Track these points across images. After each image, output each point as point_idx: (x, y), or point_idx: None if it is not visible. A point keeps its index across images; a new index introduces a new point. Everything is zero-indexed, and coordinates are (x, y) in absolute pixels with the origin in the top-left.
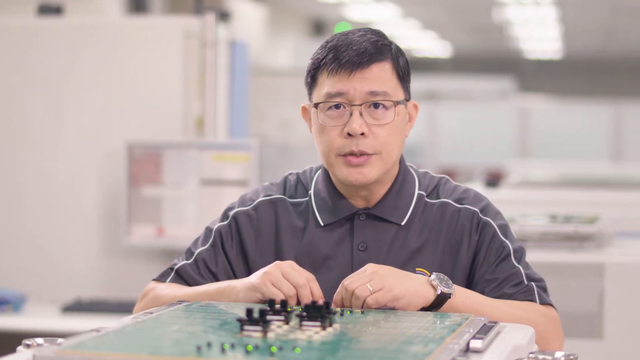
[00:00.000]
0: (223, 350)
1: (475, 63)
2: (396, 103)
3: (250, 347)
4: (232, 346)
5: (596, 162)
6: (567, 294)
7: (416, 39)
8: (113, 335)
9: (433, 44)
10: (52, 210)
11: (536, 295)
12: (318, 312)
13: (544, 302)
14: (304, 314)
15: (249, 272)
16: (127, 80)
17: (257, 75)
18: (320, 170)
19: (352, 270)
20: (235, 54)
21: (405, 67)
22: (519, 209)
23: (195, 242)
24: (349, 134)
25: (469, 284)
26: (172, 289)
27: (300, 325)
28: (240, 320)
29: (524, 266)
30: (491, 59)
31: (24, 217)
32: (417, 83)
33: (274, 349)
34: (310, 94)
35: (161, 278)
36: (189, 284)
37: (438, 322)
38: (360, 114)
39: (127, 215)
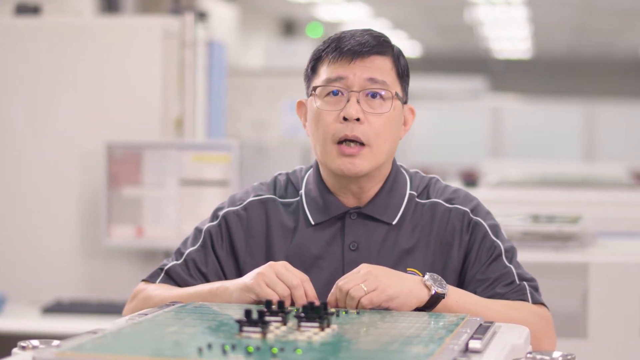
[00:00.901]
0: (224, 351)
1: (446, 63)
2: (394, 95)
3: (251, 349)
4: (233, 347)
5: (569, 162)
6: (551, 294)
7: None
8: (111, 337)
9: (403, 43)
10: (31, 211)
11: (528, 295)
12: (316, 313)
13: (536, 302)
14: (302, 314)
15: (239, 272)
16: (106, 81)
17: (230, 76)
18: (310, 170)
19: (343, 270)
20: (213, 54)
21: (405, 68)
22: (499, 208)
23: (185, 243)
24: (344, 119)
25: (460, 284)
26: (163, 290)
27: (299, 326)
28: (239, 322)
29: (515, 266)
30: (461, 59)
31: (3, 218)
32: None
33: (275, 350)
34: (308, 85)
35: (151, 279)
36: (179, 285)
37: (434, 322)
38: (358, 101)
39: (106, 216)
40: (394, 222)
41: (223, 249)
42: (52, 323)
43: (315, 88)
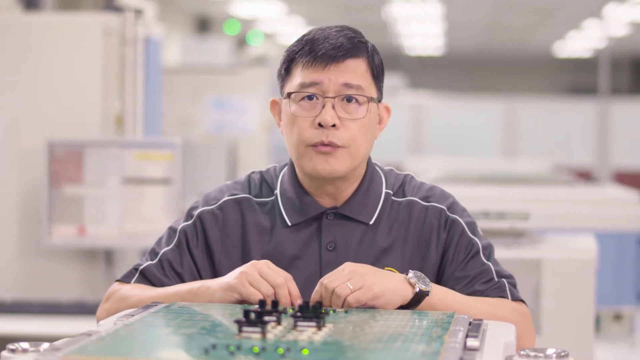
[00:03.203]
0: (230, 352)
1: None
2: (369, 99)
3: (256, 349)
4: (238, 348)
5: (491, 158)
6: None
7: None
8: (110, 339)
9: None
10: None
11: (508, 292)
12: (313, 313)
13: (516, 299)
14: (299, 314)
15: (214, 272)
16: (46, 78)
17: None
18: (285, 169)
19: (321, 271)
20: (150, 51)
21: (379, 67)
22: None
23: (159, 242)
24: (320, 125)
25: (438, 282)
26: (140, 290)
27: (295, 325)
28: (237, 322)
29: (493, 263)
30: None
31: None
32: None
33: (280, 350)
34: (282, 85)
35: (125, 279)
36: (155, 285)
37: (425, 320)
38: (333, 107)
39: (47, 215)
40: (371, 222)
41: (198, 248)
42: None
43: (289, 95)
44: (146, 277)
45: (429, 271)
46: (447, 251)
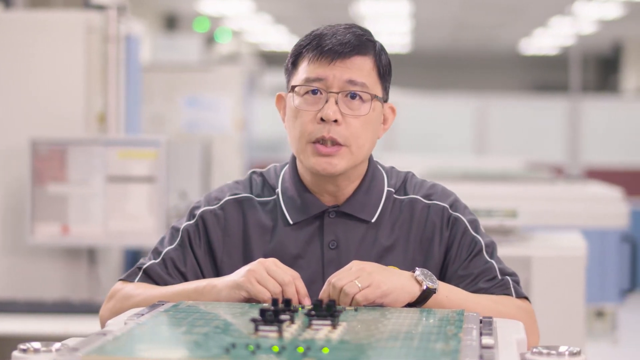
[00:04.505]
0: (251, 352)
1: None
2: (373, 97)
3: (276, 348)
4: (258, 347)
5: (462, 155)
6: None
7: (267, 34)
8: (127, 339)
9: (283, 38)
10: None
11: (512, 289)
12: (328, 311)
13: (520, 296)
14: (313, 312)
15: (216, 272)
16: (29, 76)
17: None
18: (286, 168)
19: (323, 269)
20: (130, 49)
21: (387, 67)
22: None
23: (162, 242)
24: (322, 120)
25: (441, 280)
26: (144, 289)
27: (310, 324)
28: (254, 321)
29: (496, 260)
30: None
31: None
32: (272, 78)
33: (301, 349)
34: (288, 79)
35: (129, 278)
36: (158, 284)
37: (436, 318)
38: (336, 102)
39: (31, 214)
40: (373, 220)
41: (201, 248)
42: None
43: (294, 88)
44: (150, 276)
45: (431, 269)
46: (449, 249)
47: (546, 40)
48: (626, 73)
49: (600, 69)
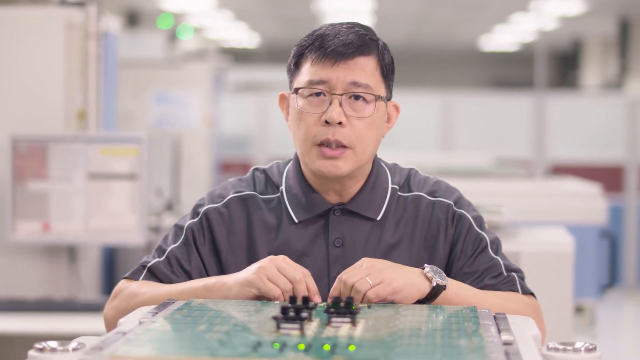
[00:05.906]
0: (278, 350)
1: (287, 54)
2: (377, 98)
3: (302, 346)
4: (284, 345)
5: (429, 152)
6: None
7: (228, 30)
8: (150, 337)
9: (243, 35)
10: None
11: (518, 286)
12: (347, 309)
13: (526, 292)
14: (332, 310)
15: (221, 270)
16: (9, 73)
17: None
18: (289, 165)
19: (329, 267)
20: (107, 46)
21: (390, 65)
22: None
23: (165, 240)
24: (326, 122)
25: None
26: (150, 287)
27: (330, 321)
28: (275, 318)
29: (501, 257)
30: None
31: None
32: (237, 75)
33: (327, 347)
34: (291, 80)
35: (133, 276)
36: (163, 282)
37: (449, 314)
38: (340, 104)
39: (11, 211)
40: (378, 218)
41: (205, 246)
42: None
43: (297, 90)
44: (154, 275)
45: (437, 266)
46: (455, 246)
47: (506, 36)
48: (586, 69)
49: (559, 65)
